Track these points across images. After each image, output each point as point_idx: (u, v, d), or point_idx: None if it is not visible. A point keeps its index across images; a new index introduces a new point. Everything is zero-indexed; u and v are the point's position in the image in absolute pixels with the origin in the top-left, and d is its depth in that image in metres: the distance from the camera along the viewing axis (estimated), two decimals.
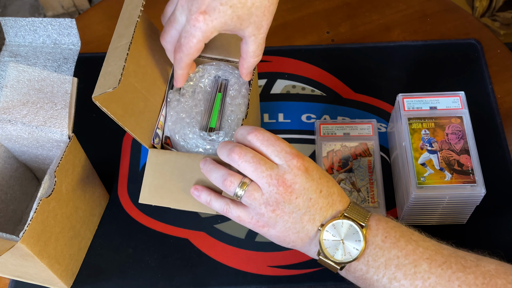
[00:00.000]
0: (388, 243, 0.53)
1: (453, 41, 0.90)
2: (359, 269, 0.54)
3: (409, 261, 0.52)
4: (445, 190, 0.65)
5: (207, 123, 0.64)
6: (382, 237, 0.54)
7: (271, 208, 0.54)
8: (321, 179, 0.55)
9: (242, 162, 0.54)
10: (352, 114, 0.83)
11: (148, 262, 0.72)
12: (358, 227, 0.54)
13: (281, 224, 0.55)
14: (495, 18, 1.58)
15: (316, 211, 0.55)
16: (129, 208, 0.77)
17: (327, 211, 0.55)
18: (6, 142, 0.68)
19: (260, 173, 0.53)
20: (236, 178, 0.55)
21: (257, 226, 0.56)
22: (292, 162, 0.53)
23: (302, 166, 0.54)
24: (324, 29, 0.93)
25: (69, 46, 0.68)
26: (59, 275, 0.66)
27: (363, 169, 0.74)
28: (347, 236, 0.54)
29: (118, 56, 0.54)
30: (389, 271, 0.53)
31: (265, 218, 0.55)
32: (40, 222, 0.60)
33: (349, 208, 0.56)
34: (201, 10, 0.54)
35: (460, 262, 0.52)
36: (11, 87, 0.64)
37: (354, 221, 0.54)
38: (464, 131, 0.68)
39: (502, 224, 0.73)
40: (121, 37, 0.56)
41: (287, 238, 0.56)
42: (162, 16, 0.64)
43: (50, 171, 0.61)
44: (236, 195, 0.55)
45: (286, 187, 0.53)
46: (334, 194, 0.56)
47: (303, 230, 0.55)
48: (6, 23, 0.67)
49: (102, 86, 0.52)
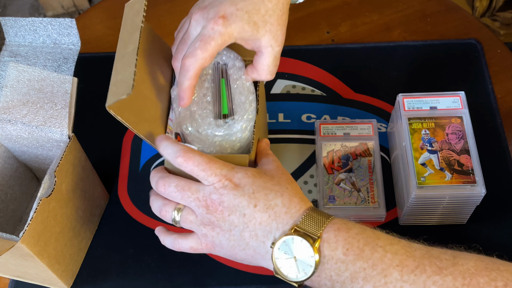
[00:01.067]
0: (351, 256, 0.49)
1: (453, 41, 0.90)
2: (323, 284, 0.51)
3: (377, 271, 0.48)
4: (445, 190, 0.65)
5: (219, 110, 0.62)
6: (343, 250, 0.49)
7: (209, 227, 0.53)
8: (255, 193, 0.52)
9: (169, 193, 0.54)
10: (352, 114, 0.83)
11: (148, 262, 0.72)
12: (308, 243, 0.50)
13: (226, 242, 0.53)
14: (495, 18, 1.58)
15: (255, 227, 0.52)
16: (129, 208, 0.76)
17: (269, 225, 0.52)
18: (6, 142, 0.68)
19: (187, 198, 0.53)
20: (170, 207, 0.55)
21: (209, 249, 0.55)
22: (219, 184, 0.52)
23: (230, 184, 0.52)
24: (324, 29, 0.93)
25: (69, 46, 0.68)
26: (59, 275, 0.66)
27: (363, 169, 0.74)
28: (300, 252, 0.50)
29: (126, 63, 0.53)
30: (356, 284, 0.49)
31: (209, 238, 0.54)
32: (40, 222, 0.60)
33: (302, 219, 0.51)
34: (219, 15, 0.54)
35: (434, 264, 0.48)
36: (11, 87, 0.64)
37: (305, 235, 0.50)
38: (464, 131, 0.68)
39: (502, 224, 0.73)
40: (126, 44, 0.55)
41: (237, 256, 0.54)
42: (177, 32, 0.63)
43: (50, 171, 0.61)
44: (174, 220, 0.55)
45: (215, 206, 0.52)
46: (276, 206, 0.52)
47: (248, 247, 0.53)
48: (6, 23, 0.67)
49: (115, 94, 0.51)
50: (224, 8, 0.55)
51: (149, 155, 0.81)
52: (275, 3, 0.57)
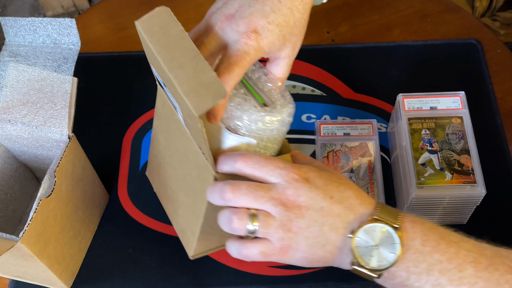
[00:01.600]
0: (428, 247, 0.49)
1: (453, 41, 0.90)
2: (398, 276, 0.50)
3: (453, 265, 0.49)
4: (445, 190, 0.65)
5: (255, 102, 0.58)
6: (421, 241, 0.50)
7: (287, 228, 0.50)
8: (327, 185, 0.51)
9: (240, 198, 0.50)
10: (352, 114, 0.83)
11: (148, 262, 0.72)
12: (392, 229, 0.50)
13: (304, 242, 0.51)
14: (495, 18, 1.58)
15: (334, 219, 0.50)
16: (129, 208, 0.76)
17: (347, 216, 0.51)
18: (6, 142, 0.68)
19: (262, 199, 0.50)
20: (241, 214, 0.50)
21: (283, 254, 0.51)
22: (288, 177, 0.50)
23: (300, 177, 0.50)
24: (324, 29, 0.92)
25: (69, 46, 0.68)
26: (59, 275, 0.66)
27: (363, 169, 0.74)
28: (381, 240, 0.50)
29: (195, 70, 0.47)
30: (432, 277, 0.49)
31: (286, 240, 0.50)
32: (40, 222, 0.60)
33: (377, 209, 0.51)
34: (251, 29, 0.51)
35: (505, 263, 0.49)
36: (11, 87, 0.64)
37: (386, 223, 0.50)
38: (464, 131, 0.68)
39: (502, 224, 0.73)
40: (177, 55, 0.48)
41: (315, 256, 0.52)
42: (192, 37, 0.58)
43: (50, 171, 0.61)
44: (249, 232, 0.50)
45: (291, 202, 0.50)
46: (350, 197, 0.51)
47: (329, 242, 0.51)
48: (6, 23, 0.67)
49: (206, 100, 0.45)
50: (255, 21, 0.52)
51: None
52: (302, 12, 0.55)
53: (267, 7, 0.52)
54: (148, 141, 0.82)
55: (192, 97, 0.45)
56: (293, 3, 0.54)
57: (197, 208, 0.58)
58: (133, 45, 0.93)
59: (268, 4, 0.53)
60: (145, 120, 0.84)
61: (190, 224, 0.62)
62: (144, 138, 0.82)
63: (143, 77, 0.89)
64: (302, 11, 0.55)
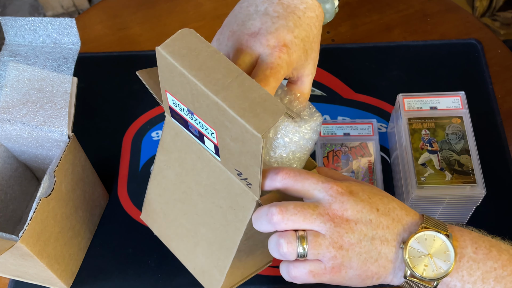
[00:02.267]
0: (481, 255, 0.48)
1: (453, 41, 0.90)
2: (452, 286, 0.49)
3: (508, 272, 0.48)
4: (445, 190, 0.65)
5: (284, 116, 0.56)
6: (472, 248, 0.49)
7: (338, 245, 0.48)
8: (371, 198, 0.50)
9: (289, 219, 0.48)
10: (352, 114, 0.83)
11: (148, 262, 0.72)
12: (444, 237, 0.49)
13: (356, 259, 0.49)
14: (496, 18, 1.58)
15: (384, 231, 0.49)
16: (129, 208, 0.76)
17: (396, 228, 0.49)
18: (6, 141, 0.68)
19: (311, 217, 0.48)
20: (290, 237, 0.48)
21: (334, 273, 0.49)
22: (332, 190, 0.49)
23: (344, 190, 0.49)
24: (324, 29, 0.92)
25: (69, 45, 0.68)
26: (58, 275, 0.66)
27: (363, 169, 0.74)
28: (434, 249, 0.49)
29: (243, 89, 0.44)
30: (487, 285, 0.48)
31: (338, 259, 0.49)
32: (40, 222, 0.60)
33: (425, 219, 0.50)
34: (282, 43, 0.52)
35: None
36: (11, 86, 0.64)
37: (437, 231, 0.49)
38: (464, 131, 0.68)
39: (502, 224, 0.73)
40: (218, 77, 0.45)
41: (368, 272, 0.50)
42: None
43: (50, 170, 0.61)
44: (300, 256, 0.48)
45: (339, 217, 0.48)
46: (395, 209, 0.50)
47: (381, 256, 0.49)
48: (6, 23, 0.67)
49: (264, 120, 0.42)
50: (283, 36, 0.52)
51: (148, 155, 0.81)
52: (318, 28, 0.55)
53: (290, 23, 0.53)
54: (148, 141, 0.82)
55: (249, 117, 0.42)
56: (310, 20, 0.55)
57: (229, 241, 0.55)
58: (133, 45, 0.93)
59: (291, 20, 0.53)
60: (145, 120, 0.84)
61: (217, 260, 0.58)
62: (144, 138, 0.82)
63: None
64: (318, 27, 0.56)
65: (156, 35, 0.93)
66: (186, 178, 0.56)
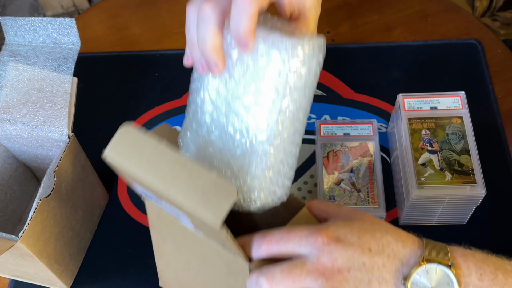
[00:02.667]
0: (486, 281, 0.46)
1: (453, 41, 0.90)
2: None
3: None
4: (445, 190, 0.65)
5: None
6: (477, 275, 0.47)
7: None
8: (361, 238, 0.47)
9: (277, 286, 0.46)
10: (352, 114, 0.83)
11: (148, 262, 0.72)
12: (446, 268, 0.46)
13: None
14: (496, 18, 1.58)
15: (380, 271, 0.46)
16: (129, 208, 0.76)
17: (393, 264, 0.47)
18: (6, 141, 0.68)
19: (299, 277, 0.46)
20: None
21: None
22: (318, 243, 0.46)
23: (330, 239, 0.46)
24: (324, 29, 0.92)
25: (69, 45, 0.68)
26: (58, 275, 0.66)
27: (363, 169, 0.74)
28: (437, 282, 0.47)
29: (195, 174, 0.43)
30: None
31: None
32: (40, 222, 0.60)
33: (425, 249, 0.47)
34: None
35: None
36: (10, 86, 0.64)
37: (439, 262, 0.46)
38: (464, 131, 0.68)
39: (502, 224, 0.73)
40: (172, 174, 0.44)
41: None
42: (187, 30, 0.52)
43: (50, 170, 0.61)
44: None
45: (330, 269, 0.46)
46: (390, 243, 0.47)
47: None
48: (6, 23, 0.67)
49: (217, 209, 0.41)
50: None
51: None
52: None
53: None
54: None
55: (204, 209, 0.41)
56: None
57: None
58: (133, 45, 0.93)
59: None
60: (145, 120, 0.84)
61: None
62: None
63: (143, 77, 0.89)
64: None
65: (156, 35, 0.93)
66: (182, 251, 0.56)
